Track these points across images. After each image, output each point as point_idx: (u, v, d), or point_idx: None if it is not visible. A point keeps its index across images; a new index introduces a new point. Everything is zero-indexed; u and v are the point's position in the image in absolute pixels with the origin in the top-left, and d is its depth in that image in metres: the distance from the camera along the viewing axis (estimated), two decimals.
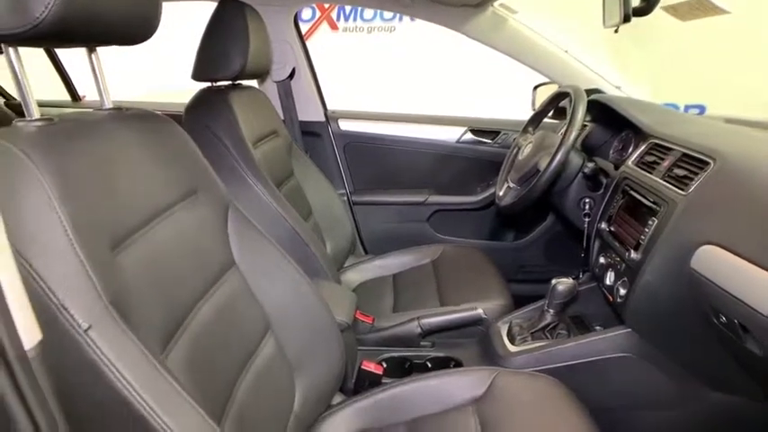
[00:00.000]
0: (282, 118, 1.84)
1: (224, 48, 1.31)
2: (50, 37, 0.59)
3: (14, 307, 0.36)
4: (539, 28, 1.74)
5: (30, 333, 0.36)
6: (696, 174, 0.96)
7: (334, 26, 4.12)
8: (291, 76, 1.88)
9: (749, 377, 0.93)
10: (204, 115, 1.31)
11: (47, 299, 0.52)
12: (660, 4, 1.23)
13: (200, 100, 1.34)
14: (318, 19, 4.00)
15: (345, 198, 2.02)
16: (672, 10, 1.23)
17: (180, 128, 0.90)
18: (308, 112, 1.96)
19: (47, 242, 0.53)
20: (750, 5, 2.13)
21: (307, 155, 1.77)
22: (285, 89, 1.87)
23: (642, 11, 1.24)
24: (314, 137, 2.00)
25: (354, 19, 4.11)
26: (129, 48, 0.75)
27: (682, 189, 0.96)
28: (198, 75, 1.33)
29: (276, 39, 1.73)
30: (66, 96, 2.57)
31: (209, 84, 1.38)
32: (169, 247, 0.76)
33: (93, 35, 0.66)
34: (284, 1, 1.77)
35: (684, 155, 1.03)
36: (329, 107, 2.05)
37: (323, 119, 2.00)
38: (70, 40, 0.64)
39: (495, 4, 1.64)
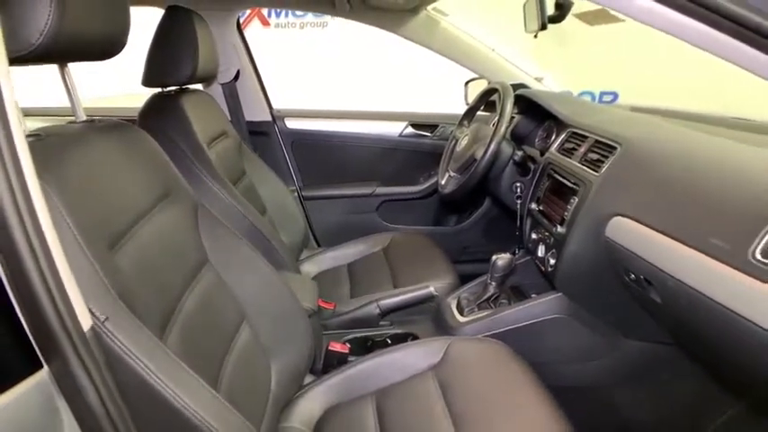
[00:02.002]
0: (230, 119, 1.89)
1: (174, 54, 1.35)
2: (43, 58, 0.64)
3: (72, 294, 0.43)
4: (468, 29, 1.88)
5: (84, 317, 0.44)
6: (606, 157, 1.13)
7: (265, 22, 4.07)
8: (236, 77, 1.93)
9: (656, 324, 1.12)
10: (158, 120, 1.34)
11: None
12: (571, 12, 1.41)
13: (152, 106, 1.38)
14: (249, 15, 3.93)
15: (296, 194, 2.09)
16: (581, 17, 1.41)
17: (148, 135, 0.96)
18: (255, 112, 2.02)
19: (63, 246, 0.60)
20: None
21: (256, 154, 1.83)
22: (231, 91, 1.92)
23: (556, 19, 1.42)
24: (262, 136, 2.06)
25: (286, 15, 4.06)
26: None
27: (595, 171, 1.13)
28: (148, 81, 1.36)
29: (220, 42, 1.78)
30: None
31: (159, 89, 1.42)
32: (153, 247, 0.83)
33: (75, 54, 0.72)
34: (227, 6, 1.81)
35: (596, 141, 1.20)
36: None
37: (269, 118, 2.05)
38: (59, 59, 0.69)
39: (429, 7, 1.77)
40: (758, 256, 0.70)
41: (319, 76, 3.69)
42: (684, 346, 1.14)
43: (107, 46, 0.76)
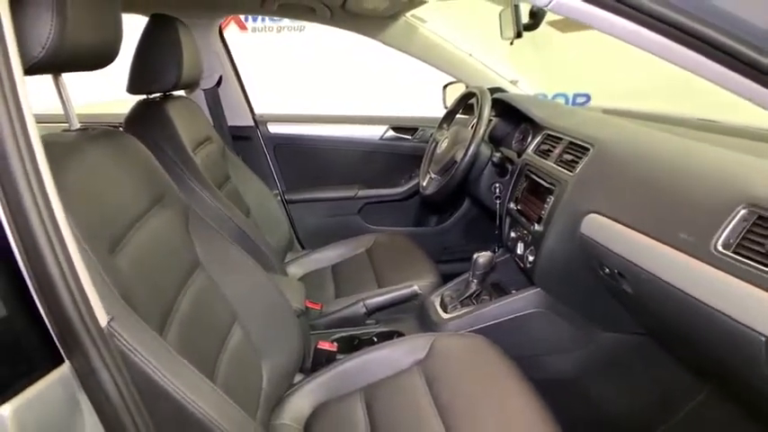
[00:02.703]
0: (212, 124, 1.90)
1: (159, 61, 1.36)
2: (43, 70, 0.67)
3: (89, 290, 0.46)
4: (446, 35, 1.94)
5: (101, 315, 0.47)
6: (580, 158, 1.19)
7: (242, 26, 4.05)
8: (219, 83, 1.94)
9: (629, 315, 1.18)
10: (144, 127, 1.36)
11: None
12: (545, 20, 1.47)
13: (138, 112, 1.39)
14: (227, 19, 3.91)
15: (279, 197, 2.11)
16: (554, 24, 1.47)
17: (139, 142, 0.98)
18: (237, 117, 2.04)
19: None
20: None
21: (239, 158, 1.85)
22: (213, 97, 1.94)
23: (530, 27, 1.48)
24: (245, 141, 2.08)
25: (263, 19, 4.06)
26: None
27: (570, 171, 1.19)
28: (133, 88, 1.37)
29: (203, 49, 1.79)
30: None
31: (143, 96, 1.43)
32: (148, 251, 0.85)
33: (73, 65, 0.74)
34: (209, 13, 1.83)
35: (571, 143, 1.26)
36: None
37: (252, 123, 2.08)
38: (57, 71, 0.72)
39: (407, 14, 1.82)
40: (720, 248, 0.76)
41: (297, 79, 3.69)
42: (656, 336, 1.21)
43: (103, 55, 0.79)
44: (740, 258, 0.73)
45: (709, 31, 0.52)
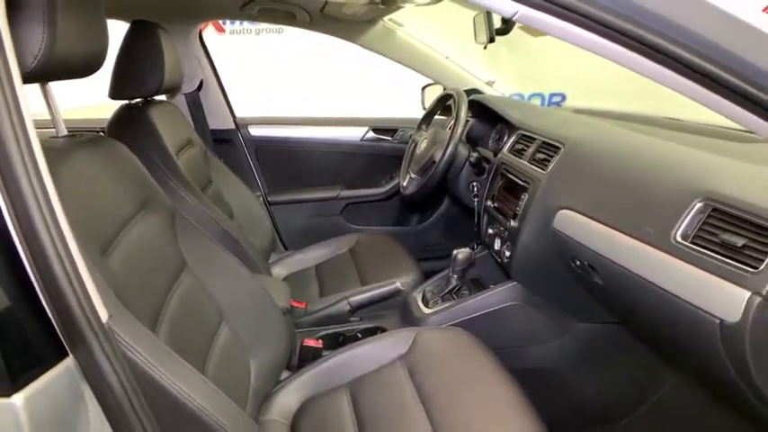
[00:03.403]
0: (194, 128, 1.92)
1: (141, 66, 1.38)
2: (34, 79, 0.69)
3: (90, 288, 0.49)
4: (423, 38, 1.99)
5: (101, 311, 0.50)
6: (552, 156, 1.24)
7: (220, 29, 4.03)
8: (200, 87, 1.96)
9: (601, 306, 1.24)
10: (128, 132, 1.37)
11: None
12: (516, 25, 1.53)
13: (121, 118, 1.40)
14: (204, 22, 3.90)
15: (262, 199, 2.14)
16: (525, 29, 1.53)
17: (125, 147, 1.00)
18: (219, 120, 2.06)
19: None
20: None
21: (221, 161, 1.87)
22: (194, 100, 1.95)
23: (503, 32, 1.54)
24: (226, 144, 2.10)
25: (241, 22, 4.08)
26: None
27: (543, 169, 1.24)
28: (116, 93, 1.37)
29: (184, 54, 1.81)
30: None
31: (125, 101, 1.45)
32: (137, 253, 0.87)
33: (63, 73, 0.76)
34: (189, 19, 1.85)
35: (543, 142, 1.32)
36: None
37: (233, 126, 2.10)
38: (48, 79, 0.74)
39: (385, 18, 1.86)
40: (679, 239, 0.81)
41: (276, 81, 3.70)
42: (627, 325, 1.27)
43: (91, 63, 0.81)
44: (697, 248, 0.78)
45: (658, 40, 0.57)
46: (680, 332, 0.88)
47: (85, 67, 0.81)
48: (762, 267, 0.69)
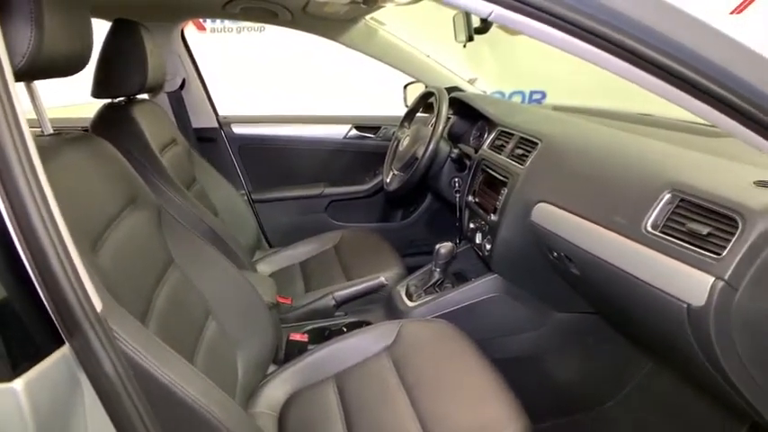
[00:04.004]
0: (177, 127, 1.92)
1: (124, 65, 1.37)
2: (23, 78, 0.70)
3: (84, 278, 0.51)
4: (405, 36, 2.02)
5: (95, 300, 0.52)
6: (530, 152, 1.28)
7: (201, 27, 4.00)
8: (182, 86, 1.96)
9: (578, 296, 1.28)
10: (111, 130, 1.37)
11: None
12: (495, 24, 1.56)
13: (104, 116, 1.41)
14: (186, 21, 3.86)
15: (246, 197, 2.14)
16: (503, 28, 1.56)
17: (111, 145, 1.01)
18: (202, 119, 2.06)
19: None
20: None
21: (204, 159, 1.88)
22: (177, 99, 1.95)
23: (481, 30, 1.58)
24: (209, 142, 2.10)
25: (222, 20, 4.07)
26: None
27: (521, 164, 1.28)
28: (98, 92, 1.37)
29: (166, 52, 1.81)
30: None
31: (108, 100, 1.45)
32: (125, 250, 0.88)
33: (49, 72, 0.77)
34: (171, 17, 1.85)
35: (521, 138, 1.36)
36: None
37: (216, 125, 2.10)
38: (34, 78, 0.75)
39: (367, 17, 1.88)
40: (649, 229, 0.86)
41: (257, 79, 3.68)
42: (604, 314, 1.32)
43: (76, 62, 0.82)
44: (666, 237, 0.83)
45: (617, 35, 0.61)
46: (651, 318, 0.93)
47: (71, 66, 0.82)
48: (724, 254, 0.73)
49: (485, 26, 1.57)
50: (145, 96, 1.71)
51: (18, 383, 0.43)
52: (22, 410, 0.43)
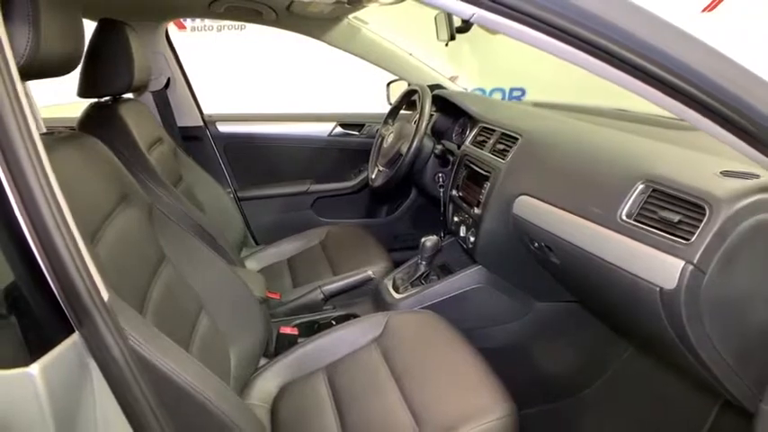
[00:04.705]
0: (162, 126, 1.92)
1: (110, 65, 1.38)
2: (21, 77, 0.72)
3: (92, 269, 0.53)
4: (387, 35, 2.05)
5: (102, 289, 0.54)
6: (511, 147, 1.33)
7: (181, 26, 3.96)
8: (167, 85, 1.97)
9: (559, 285, 1.33)
10: (99, 129, 1.37)
11: None
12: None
13: (91, 116, 1.41)
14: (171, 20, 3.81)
15: (232, 195, 2.16)
16: (484, 27, 1.60)
17: (102, 144, 1.03)
18: (187, 118, 2.07)
19: None
20: None
21: (190, 158, 1.89)
22: (162, 98, 1.96)
23: (463, 30, 1.62)
24: (195, 141, 2.11)
25: (202, 18, 4.04)
26: None
27: (502, 159, 1.33)
28: (85, 92, 1.37)
29: (151, 52, 1.82)
30: None
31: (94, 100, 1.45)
32: (119, 246, 0.90)
33: (44, 72, 0.79)
34: (156, 17, 1.85)
35: (502, 134, 1.40)
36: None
37: (201, 123, 2.11)
38: (29, 78, 0.77)
39: (350, 16, 1.91)
40: (624, 218, 0.90)
41: (238, 78, 3.66)
42: (584, 302, 1.37)
43: (68, 62, 0.84)
44: (640, 225, 0.87)
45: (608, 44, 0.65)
46: (627, 302, 0.98)
47: (65, 66, 0.84)
48: (693, 239, 0.78)
49: (466, 26, 1.62)
50: (130, 96, 1.71)
51: (34, 368, 0.46)
52: (38, 394, 0.46)
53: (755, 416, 0.81)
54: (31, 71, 0.72)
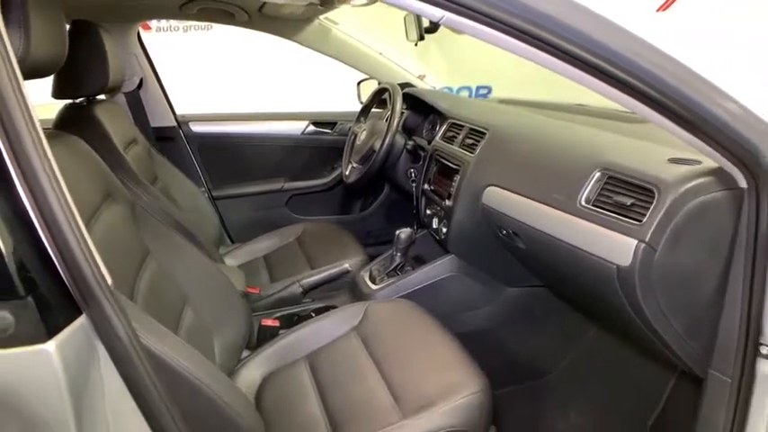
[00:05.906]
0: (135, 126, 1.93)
1: (85, 66, 1.38)
2: None
3: (94, 251, 0.57)
4: (357, 35, 2.10)
5: (106, 273, 0.58)
6: (479, 141, 1.40)
7: (146, 27, 3.91)
8: (140, 86, 1.97)
9: (527, 271, 1.41)
10: (75, 130, 1.37)
11: None
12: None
13: (67, 117, 1.42)
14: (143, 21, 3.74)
15: (207, 194, 2.17)
16: (451, 27, 1.67)
17: (84, 143, 1.05)
18: (160, 118, 2.07)
19: None
20: None
21: (164, 158, 1.90)
22: (135, 99, 1.96)
23: (431, 30, 1.69)
24: (169, 141, 2.11)
25: (168, 19, 3.99)
26: None
27: (471, 153, 1.40)
28: (59, 93, 1.38)
29: (123, 53, 1.82)
30: None
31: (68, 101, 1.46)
32: (106, 242, 0.93)
33: (32, 73, 0.81)
34: (128, 18, 1.86)
35: (471, 129, 1.48)
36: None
37: (174, 123, 2.12)
38: None
39: (321, 17, 1.96)
40: (583, 203, 0.98)
41: (205, 78, 3.63)
42: (549, 285, 1.46)
43: (53, 63, 0.86)
44: (597, 209, 0.96)
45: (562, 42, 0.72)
46: (588, 281, 1.06)
47: (49, 67, 0.86)
48: (644, 220, 0.86)
49: (435, 26, 1.68)
50: (103, 97, 1.72)
51: (51, 345, 0.50)
52: (55, 369, 0.49)
53: (705, 380, 0.89)
54: (23, 72, 0.75)
